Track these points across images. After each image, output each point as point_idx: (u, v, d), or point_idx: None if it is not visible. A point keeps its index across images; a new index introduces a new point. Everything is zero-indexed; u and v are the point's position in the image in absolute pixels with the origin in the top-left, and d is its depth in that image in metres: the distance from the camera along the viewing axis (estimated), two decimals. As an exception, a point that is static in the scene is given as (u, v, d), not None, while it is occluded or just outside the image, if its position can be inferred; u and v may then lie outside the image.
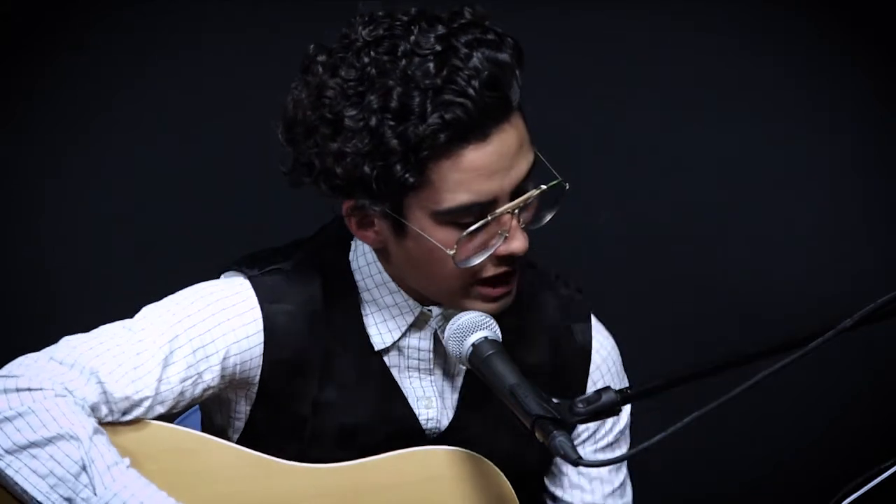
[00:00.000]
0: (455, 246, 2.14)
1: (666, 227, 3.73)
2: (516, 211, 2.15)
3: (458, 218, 2.14)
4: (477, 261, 2.16)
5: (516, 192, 2.15)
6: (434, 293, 2.23)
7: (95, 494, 2.04)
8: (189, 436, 2.20)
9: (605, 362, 2.40)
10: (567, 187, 2.19)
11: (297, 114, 2.17)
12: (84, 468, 2.03)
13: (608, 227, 3.65)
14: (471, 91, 2.08)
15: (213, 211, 3.68)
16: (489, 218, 2.14)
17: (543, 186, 2.17)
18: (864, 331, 1.92)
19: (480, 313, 2.19)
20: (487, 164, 2.12)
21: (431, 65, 2.08)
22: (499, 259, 2.18)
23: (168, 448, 2.15)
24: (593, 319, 2.41)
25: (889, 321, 1.94)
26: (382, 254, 2.26)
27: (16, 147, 3.61)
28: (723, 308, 3.71)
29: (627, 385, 2.40)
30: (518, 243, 2.16)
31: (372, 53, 2.11)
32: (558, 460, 2.40)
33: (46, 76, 3.62)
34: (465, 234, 2.13)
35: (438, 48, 2.09)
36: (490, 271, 2.18)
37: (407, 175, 2.09)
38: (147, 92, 3.64)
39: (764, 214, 3.73)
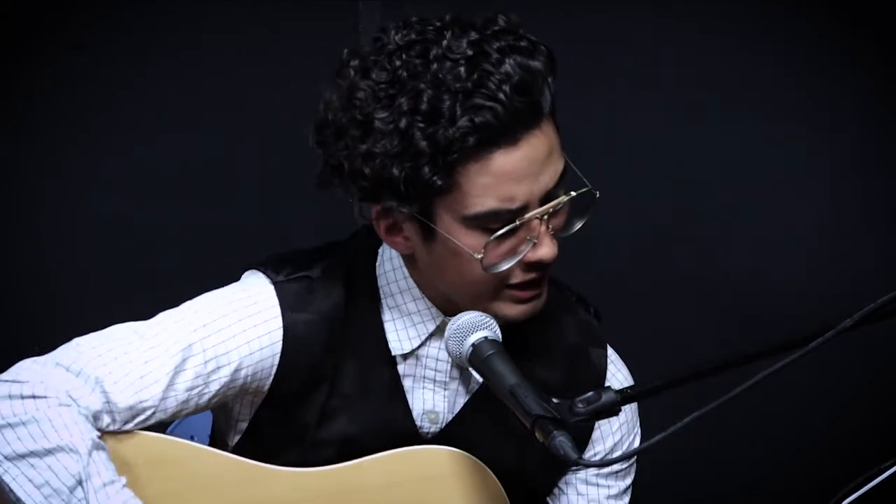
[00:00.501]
0: (483, 251, 2.13)
1: (667, 227, 3.73)
2: (545, 217, 2.14)
3: (486, 223, 2.13)
4: (505, 266, 2.15)
5: (546, 198, 2.15)
6: (463, 298, 2.22)
7: None
8: (180, 445, 2.19)
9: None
10: (597, 195, 2.18)
11: (328, 115, 2.16)
12: (80, 483, 2.02)
13: (610, 227, 3.64)
14: (501, 95, 2.08)
15: (213, 211, 3.68)
16: (517, 223, 2.13)
17: (573, 193, 2.17)
18: (864, 331, 1.92)
19: (480, 313, 2.18)
20: (516, 169, 2.11)
21: (462, 69, 2.08)
22: (527, 265, 2.17)
23: (160, 457, 2.14)
24: (609, 348, 2.42)
25: (889, 321, 1.94)
26: (410, 260, 2.26)
27: (16, 147, 3.61)
28: (723, 308, 3.71)
29: (638, 419, 2.42)
30: (546, 249, 2.15)
31: (403, 56, 2.11)
32: (561, 483, 2.40)
33: (46, 76, 3.62)
34: (492, 238, 2.13)
35: (470, 53, 2.09)
36: (518, 277, 2.18)
37: (435, 177, 2.09)
38: (147, 92, 3.64)
39: (764, 214, 3.73)
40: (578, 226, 2.21)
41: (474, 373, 2.25)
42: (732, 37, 3.68)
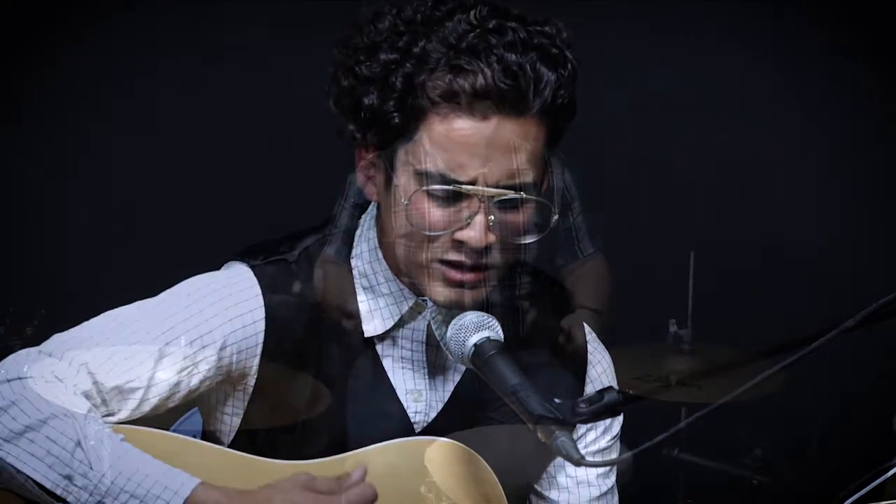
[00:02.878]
0: (411, 198, 2.14)
1: (665, 227, 3.73)
2: (485, 200, 2.13)
3: (430, 182, 2.13)
4: (432, 231, 2.15)
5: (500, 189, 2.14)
6: (406, 263, 2.21)
7: (92, 469, 2.03)
8: (179, 440, 2.19)
9: (601, 363, 2.41)
10: (556, 217, 2.17)
11: (354, 34, 2.19)
12: (79, 443, 2.03)
13: (610, 226, 3.65)
14: (487, 70, 2.08)
15: (214, 210, 3.69)
16: (452, 187, 2.12)
17: (523, 194, 2.14)
18: (866, 331, 1.92)
19: (482, 313, 2.18)
20: (474, 142, 2.11)
21: (471, 34, 2.10)
22: (455, 243, 2.16)
23: (160, 452, 2.13)
24: (586, 328, 2.43)
25: (891, 321, 1.94)
26: (380, 230, 2.26)
27: (16, 147, 3.62)
28: (723, 308, 3.72)
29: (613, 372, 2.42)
30: (474, 233, 2.13)
31: (430, 4, 2.14)
32: (549, 467, 2.40)
33: (46, 76, 3.62)
34: (422, 188, 2.13)
35: (489, 26, 2.11)
36: (446, 248, 2.16)
37: (395, 114, 2.11)
38: (147, 92, 3.64)
39: (763, 215, 3.74)
40: (531, 239, 2.18)
41: (449, 355, 2.25)
42: (733, 37, 3.69)
